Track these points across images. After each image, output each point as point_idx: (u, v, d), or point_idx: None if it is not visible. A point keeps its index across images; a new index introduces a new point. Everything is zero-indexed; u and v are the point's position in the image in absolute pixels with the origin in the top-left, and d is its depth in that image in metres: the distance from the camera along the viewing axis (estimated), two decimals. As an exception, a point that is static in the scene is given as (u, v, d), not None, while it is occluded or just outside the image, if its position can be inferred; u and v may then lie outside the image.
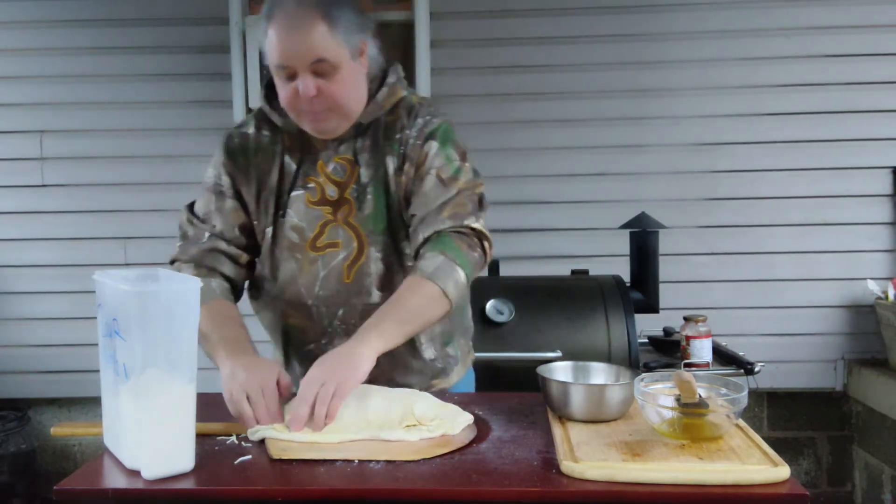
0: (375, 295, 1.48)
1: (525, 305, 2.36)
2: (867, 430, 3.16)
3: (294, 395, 1.28)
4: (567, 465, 1.06)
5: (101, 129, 3.25)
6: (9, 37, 3.24)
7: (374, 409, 1.28)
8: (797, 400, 3.27)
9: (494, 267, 2.72)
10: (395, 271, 1.49)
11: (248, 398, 1.25)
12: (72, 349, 3.24)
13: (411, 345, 1.50)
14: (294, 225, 1.48)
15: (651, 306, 2.60)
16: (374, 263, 1.48)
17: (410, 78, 3.15)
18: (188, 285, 1.09)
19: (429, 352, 1.55)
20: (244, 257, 1.52)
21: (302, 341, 1.53)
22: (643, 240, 2.62)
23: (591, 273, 2.65)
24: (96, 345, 1.19)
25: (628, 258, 2.68)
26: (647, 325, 2.73)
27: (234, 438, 1.24)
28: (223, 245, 1.50)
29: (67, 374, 3.27)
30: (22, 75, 3.25)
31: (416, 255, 1.44)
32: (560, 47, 3.18)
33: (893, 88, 3.13)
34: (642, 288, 2.60)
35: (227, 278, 1.51)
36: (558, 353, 2.21)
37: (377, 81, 1.50)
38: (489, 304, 2.32)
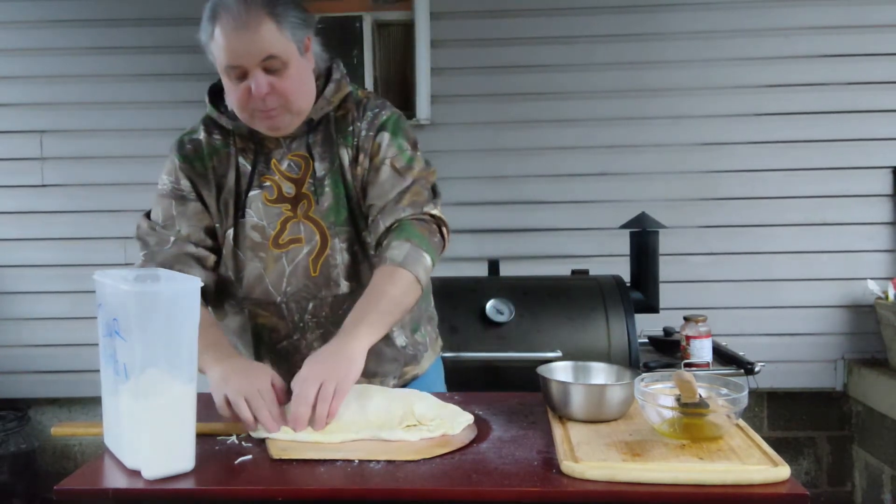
0: (344, 285, 1.49)
1: (525, 305, 2.36)
2: (867, 430, 3.16)
3: (289, 395, 1.28)
4: (567, 465, 1.06)
5: (101, 129, 3.25)
6: (9, 37, 3.24)
7: (374, 409, 1.28)
8: (797, 400, 3.27)
9: (494, 267, 2.72)
10: (360, 260, 1.50)
11: (236, 401, 1.24)
12: (72, 349, 3.24)
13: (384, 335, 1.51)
14: (255, 224, 1.48)
15: (651, 306, 2.60)
16: (340, 254, 1.48)
17: (411, 78, 3.16)
18: (188, 285, 1.09)
19: (400, 339, 1.56)
20: (211, 259, 1.51)
21: (273, 340, 1.53)
22: (643, 240, 2.62)
23: (591, 273, 2.65)
24: (96, 345, 1.19)
25: (628, 258, 2.68)
26: (647, 325, 2.73)
27: (234, 438, 1.24)
28: (191, 248, 1.48)
29: (67, 374, 3.27)
30: (22, 75, 3.25)
31: (378, 244, 1.46)
32: (560, 47, 3.18)
33: (893, 88, 3.13)
34: (642, 288, 2.60)
35: None
36: (558, 353, 2.21)
37: (322, 78, 1.52)
38: (489, 304, 2.32)
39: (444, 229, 1.49)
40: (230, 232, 1.49)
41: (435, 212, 1.48)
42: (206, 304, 1.51)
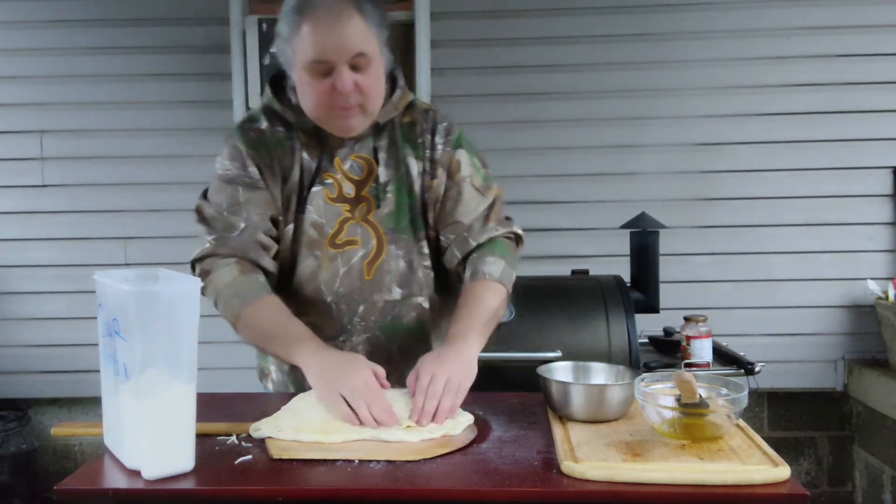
0: (396, 292, 1.50)
1: (525, 305, 2.35)
2: (867, 430, 3.16)
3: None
4: (567, 466, 1.06)
5: (101, 129, 3.25)
6: (9, 37, 3.24)
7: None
8: (797, 400, 3.27)
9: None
10: (415, 269, 1.51)
11: (353, 398, 1.24)
12: (72, 349, 3.24)
13: (426, 344, 1.54)
14: (314, 221, 1.48)
15: (651, 306, 2.60)
16: (395, 261, 1.50)
17: (411, 78, 3.16)
18: (188, 285, 1.09)
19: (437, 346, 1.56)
20: (275, 249, 1.50)
21: (317, 339, 1.52)
22: (643, 240, 2.61)
23: (591, 273, 2.65)
24: (96, 345, 1.19)
25: (628, 258, 2.68)
26: (648, 325, 2.73)
27: (234, 438, 1.23)
28: (261, 236, 1.46)
29: (67, 374, 3.27)
30: (22, 75, 3.25)
31: (465, 259, 1.50)
32: (560, 47, 3.18)
33: (894, 88, 3.13)
34: (642, 288, 2.60)
35: (266, 272, 1.48)
36: (558, 353, 2.21)
37: (388, 82, 1.51)
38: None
39: (521, 245, 1.59)
40: (290, 227, 1.49)
41: (520, 231, 1.57)
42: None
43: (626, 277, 2.60)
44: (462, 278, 1.50)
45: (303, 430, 1.22)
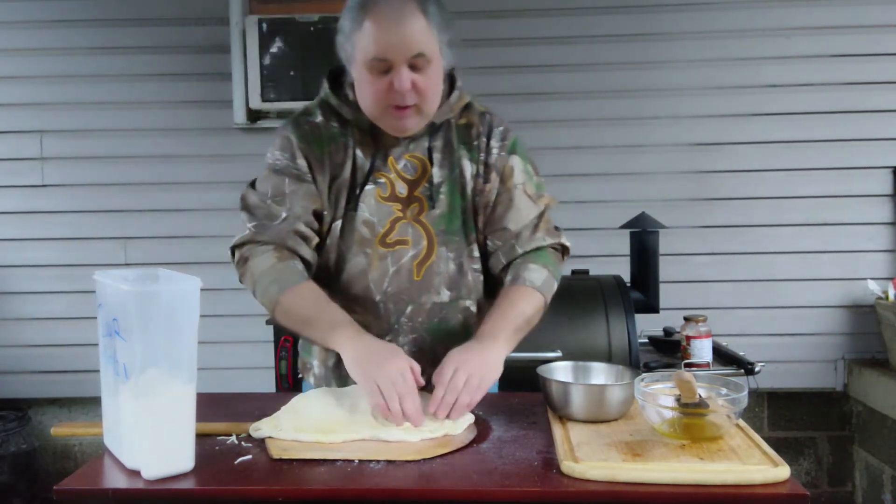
0: (444, 294, 1.50)
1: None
2: (867, 430, 3.16)
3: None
4: (567, 465, 1.06)
5: (101, 129, 3.25)
6: (9, 37, 3.24)
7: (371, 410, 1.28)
8: (797, 400, 3.27)
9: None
10: (464, 272, 1.51)
11: (387, 390, 1.25)
12: (72, 349, 3.24)
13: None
14: (366, 220, 1.48)
15: (651, 306, 2.60)
16: (445, 263, 1.50)
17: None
18: (188, 285, 1.09)
19: None
20: (315, 241, 1.49)
21: None
22: (643, 240, 2.62)
23: (591, 273, 2.65)
24: (96, 345, 1.19)
25: (628, 258, 2.68)
26: (648, 325, 2.73)
27: (234, 438, 1.24)
28: (301, 227, 1.46)
29: (67, 374, 3.27)
30: (22, 75, 3.24)
31: (510, 264, 1.51)
32: (560, 47, 3.18)
33: (894, 88, 3.13)
34: (642, 288, 2.60)
35: (305, 262, 1.47)
36: (558, 353, 2.21)
37: (446, 82, 1.51)
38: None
39: (566, 256, 1.61)
40: (338, 224, 1.49)
41: (567, 243, 1.59)
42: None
43: (626, 277, 2.60)
44: (503, 283, 1.52)
45: (303, 429, 1.22)
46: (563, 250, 1.59)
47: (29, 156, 3.26)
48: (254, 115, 3.14)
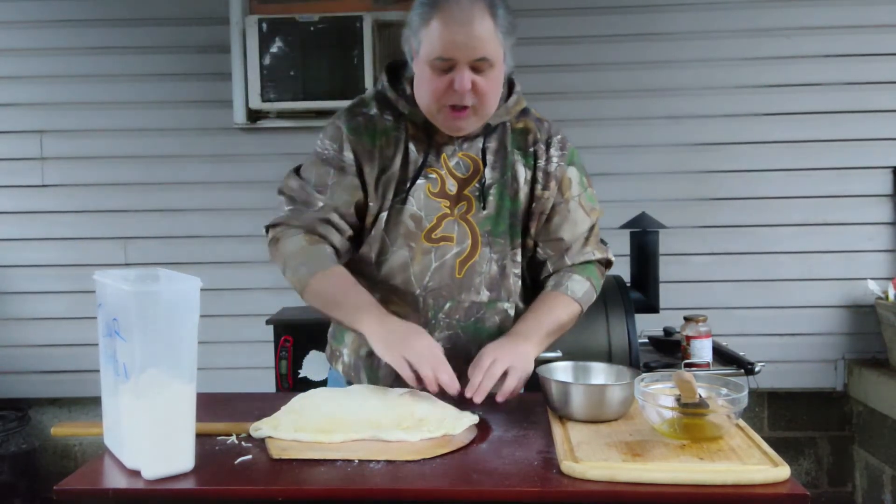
0: (484, 294, 1.50)
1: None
2: (867, 430, 3.16)
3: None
4: (567, 466, 1.06)
5: (101, 129, 3.25)
6: (9, 37, 3.24)
7: (374, 409, 1.28)
8: (797, 400, 3.27)
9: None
10: (506, 275, 1.52)
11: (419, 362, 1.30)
12: (72, 349, 3.24)
13: None
14: (413, 213, 1.48)
15: (651, 306, 2.60)
16: (488, 264, 1.50)
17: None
18: (188, 285, 1.09)
19: None
20: (349, 232, 1.52)
21: None
22: (643, 240, 2.62)
23: (591, 273, 2.65)
24: (96, 345, 1.19)
25: (628, 258, 2.68)
26: (648, 325, 2.73)
27: (234, 438, 1.24)
28: (335, 217, 1.48)
29: (67, 374, 3.27)
30: (22, 75, 3.25)
31: (555, 272, 1.55)
32: (560, 47, 3.18)
33: (893, 88, 3.13)
34: (642, 288, 2.60)
35: (335, 250, 1.50)
36: (558, 353, 2.21)
37: (505, 86, 1.52)
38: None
39: (608, 270, 1.64)
40: (384, 215, 1.49)
41: (612, 257, 1.62)
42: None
43: (626, 277, 2.60)
44: (544, 288, 1.55)
45: (303, 429, 1.22)
46: (607, 264, 1.62)
47: (29, 156, 3.26)
48: (254, 115, 3.15)
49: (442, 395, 1.32)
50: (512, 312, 1.55)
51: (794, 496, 1.00)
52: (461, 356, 1.44)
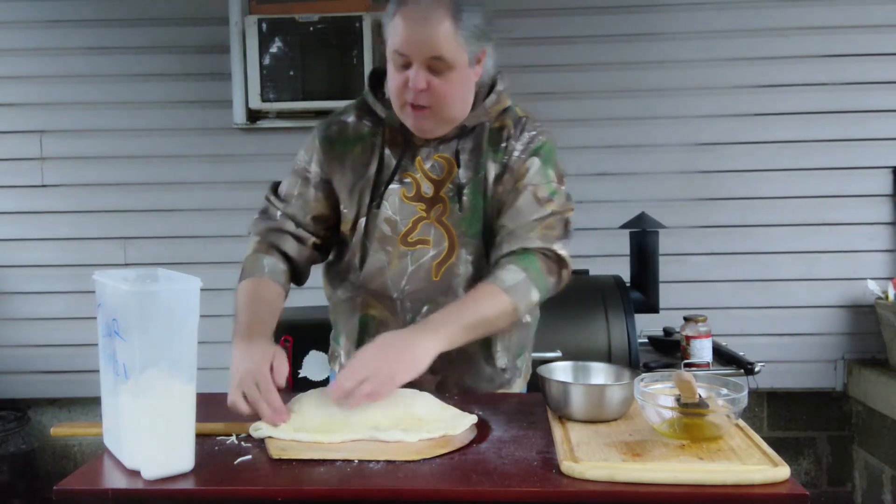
0: (462, 295, 1.48)
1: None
2: (867, 430, 3.16)
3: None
4: (567, 466, 1.06)
5: (100, 129, 3.25)
6: (9, 37, 3.24)
7: (375, 409, 1.28)
8: (797, 400, 3.27)
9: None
10: (483, 276, 1.49)
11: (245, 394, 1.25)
12: (72, 349, 3.24)
13: (487, 352, 1.53)
14: (388, 218, 1.49)
15: (651, 306, 2.60)
16: (464, 265, 1.49)
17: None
18: (188, 285, 1.09)
19: (502, 360, 1.56)
20: (311, 240, 1.54)
21: (380, 333, 1.49)
22: (643, 240, 2.62)
23: (590, 273, 2.65)
24: (96, 345, 1.19)
25: (628, 258, 2.68)
26: (647, 325, 2.73)
27: (234, 438, 1.23)
28: (291, 226, 1.52)
29: (67, 374, 3.27)
30: (22, 75, 3.24)
31: (496, 263, 1.46)
32: (560, 47, 3.18)
33: (893, 88, 3.13)
34: (642, 288, 2.61)
35: (287, 258, 1.53)
36: (558, 353, 2.21)
37: (486, 87, 1.52)
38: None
39: (564, 271, 1.49)
40: (363, 221, 1.50)
41: (563, 252, 1.48)
42: (295, 280, 1.56)
43: (626, 277, 2.60)
44: None
45: (302, 429, 1.22)
46: (560, 263, 1.49)
47: (29, 156, 3.26)
48: (253, 115, 3.15)
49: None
50: None
51: (794, 496, 1.00)
52: (443, 359, 1.43)
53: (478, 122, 1.50)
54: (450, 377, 1.31)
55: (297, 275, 1.57)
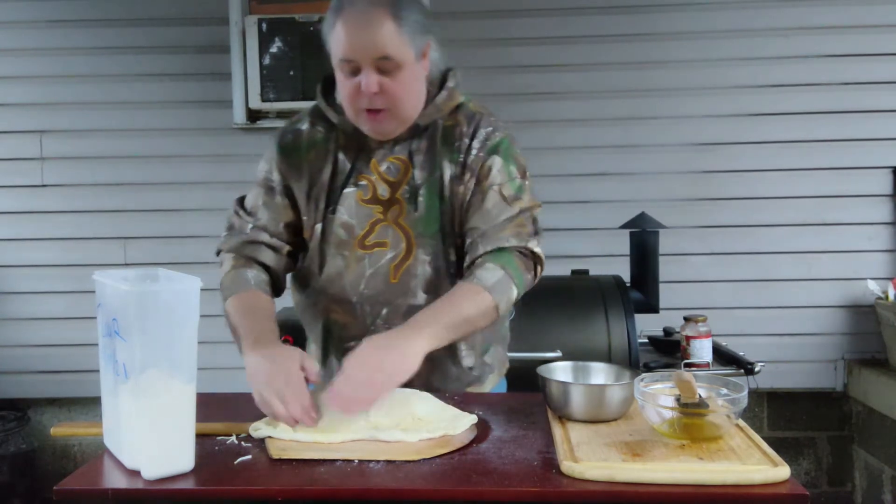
0: (421, 297, 1.49)
1: (525, 305, 2.34)
2: (867, 430, 3.16)
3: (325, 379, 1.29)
4: (567, 466, 1.06)
5: (101, 129, 3.25)
6: (9, 37, 3.24)
7: (375, 409, 1.28)
8: (797, 400, 3.27)
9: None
10: (441, 276, 1.49)
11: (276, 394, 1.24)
12: (72, 349, 3.24)
13: (452, 352, 1.52)
14: (344, 222, 1.49)
15: (651, 306, 2.60)
16: (422, 266, 1.48)
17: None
18: (188, 285, 1.09)
19: (468, 359, 1.55)
20: (286, 248, 1.53)
21: (343, 337, 1.53)
22: (643, 240, 2.62)
23: (591, 273, 2.65)
24: (96, 345, 1.19)
25: (628, 258, 2.68)
26: (647, 325, 2.73)
27: (234, 438, 1.24)
28: (265, 237, 1.51)
29: (67, 374, 3.27)
30: (22, 75, 3.25)
31: (472, 264, 1.45)
32: (560, 47, 3.18)
33: (893, 88, 3.13)
34: (642, 288, 2.61)
35: (266, 269, 1.52)
36: (558, 353, 2.21)
37: (436, 85, 1.51)
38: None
39: (538, 267, 1.49)
40: (319, 227, 1.50)
41: (537, 249, 1.47)
42: (275, 291, 1.54)
43: (626, 277, 2.60)
44: None
45: (302, 429, 1.22)
46: (535, 259, 1.47)
47: (29, 156, 3.26)
48: (253, 115, 3.15)
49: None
50: None
51: (794, 496, 1.00)
52: None
53: (430, 120, 1.49)
54: (416, 379, 1.31)
55: (276, 285, 1.55)
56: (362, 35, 1.36)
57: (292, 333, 2.71)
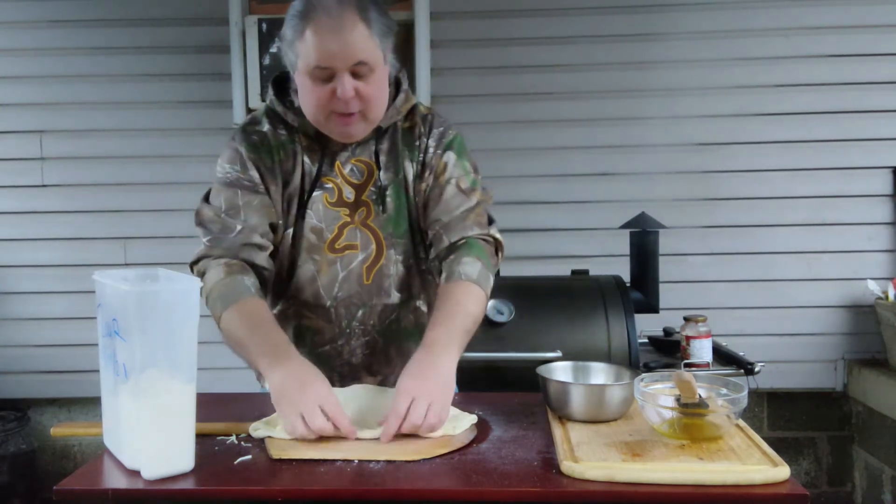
0: (395, 296, 1.50)
1: (525, 305, 2.35)
2: (867, 430, 3.16)
3: None
4: (567, 466, 1.06)
5: (101, 129, 3.25)
6: (9, 37, 3.23)
7: (374, 410, 1.28)
8: (797, 400, 3.26)
9: (494, 267, 2.72)
10: (413, 274, 1.52)
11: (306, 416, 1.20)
12: (72, 349, 3.24)
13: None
14: (313, 226, 1.48)
15: (651, 306, 2.60)
16: (394, 265, 1.49)
17: (411, 78, 3.16)
18: (188, 285, 1.09)
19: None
20: (271, 250, 1.49)
21: (316, 342, 1.52)
22: (643, 240, 2.62)
23: (591, 273, 2.65)
24: (96, 345, 1.19)
25: (628, 258, 2.68)
26: (647, 325, 2.73)
27: (234, 438, 1.24)
28: (257, 238, 1.45)
29: (67, 374, 3.27)
30: (22, 75, 3.24)
31: (442, 258, 1.47)
32: (560, 47, 3.18)
33: (894, 88, 3.13)
34: (642, 288, 2.60)
35: (260, 273, 1.46)
36: (558, 353, 2.21)
37: (393, 87, 1.51)
38: (489, 304, 2.32)
39: (500, 253, 1.54)
40: (290, 231, 1.49)
41: (497, 235, 1.52)
42: (265, 296, 1.47)
43: (626, 277, 2.60)
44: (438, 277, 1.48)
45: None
46: (497, 244, 1.52)
47: (29, 156, 3.26)
48: (253, 115, 3.14)
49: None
50: (425, 309, 1.55)
51: (794, 496, 1.00)
52: (381, 359, 1.47)
53: (391, 122, 1.51)
54: (389, 377, 1.31)
55: (266, 288, 1.51)
56: (337, 42, 1.34)
57: (292, 333, 2.71)
